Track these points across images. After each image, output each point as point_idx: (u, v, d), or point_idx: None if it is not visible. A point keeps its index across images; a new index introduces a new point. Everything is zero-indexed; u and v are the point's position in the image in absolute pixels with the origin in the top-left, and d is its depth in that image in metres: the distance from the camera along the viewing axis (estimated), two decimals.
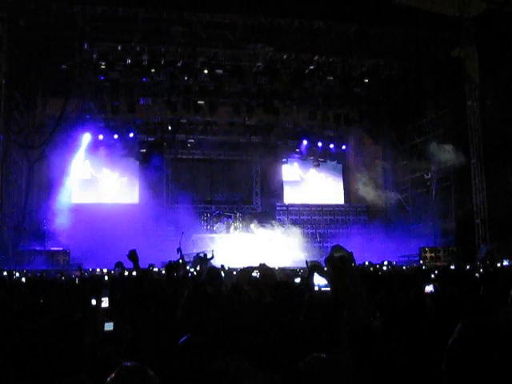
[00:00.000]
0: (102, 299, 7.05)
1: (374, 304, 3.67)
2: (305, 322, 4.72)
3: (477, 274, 11.76)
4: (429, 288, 7.59)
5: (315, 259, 24.19)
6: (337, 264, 3.57)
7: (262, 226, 34.29)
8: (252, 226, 34.01)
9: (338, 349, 3.24)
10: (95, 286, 9.97)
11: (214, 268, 7.96)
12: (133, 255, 7.99)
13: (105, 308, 7.17)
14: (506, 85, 25.65)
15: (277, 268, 18.92)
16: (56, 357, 3.66)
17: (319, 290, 4.60)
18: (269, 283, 7.98)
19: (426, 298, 5.62)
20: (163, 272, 14.60)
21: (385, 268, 19.11)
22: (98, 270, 20.24)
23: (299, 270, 18.48)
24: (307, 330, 4.45)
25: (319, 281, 4.50)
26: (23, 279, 14.68)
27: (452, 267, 17.22)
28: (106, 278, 13.58)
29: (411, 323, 3.92)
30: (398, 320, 3.89)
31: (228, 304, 5.87)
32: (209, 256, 24.29)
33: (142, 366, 2.95)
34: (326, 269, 3.77)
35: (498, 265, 19.34)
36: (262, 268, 12.73)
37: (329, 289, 4.11)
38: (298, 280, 8.82)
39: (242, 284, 8.07)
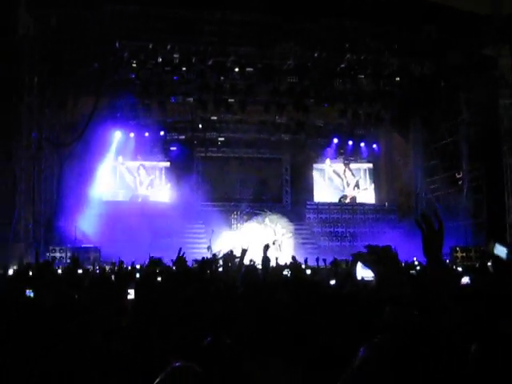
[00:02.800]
0: (129, 291, 7.24)
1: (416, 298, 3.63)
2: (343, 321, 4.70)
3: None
4: (465, 280, 7.47)
5: (344, 258, 24.14)
6: (381, 254, 3.54)
7: (292, 224, 34.25)
8: (276, 227, 33.95)
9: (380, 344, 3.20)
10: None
11: (251, 267, 7.99)
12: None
13: (131, 299, 7.36)
14: None
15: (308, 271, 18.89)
16: None
17: (362, 280, 4.59)
18: (300, 284, 7.97)
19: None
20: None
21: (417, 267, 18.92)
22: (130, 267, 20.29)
23: (333, 268, 18.39)
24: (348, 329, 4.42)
25: (362, 272, 4.47)
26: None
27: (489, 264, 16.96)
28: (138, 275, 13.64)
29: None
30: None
31: (261, 304, 5.85)
32: (242, 247, 24.22)
33: (191, 364, 2.95)
34: (371, 259, 3.73)
35: None
36: (293, 267, 12.67)
37: (372, 279, 4.07)
38: (333, 282, 8.65)
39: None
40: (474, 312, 3.94)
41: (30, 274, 15.79)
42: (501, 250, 3.73)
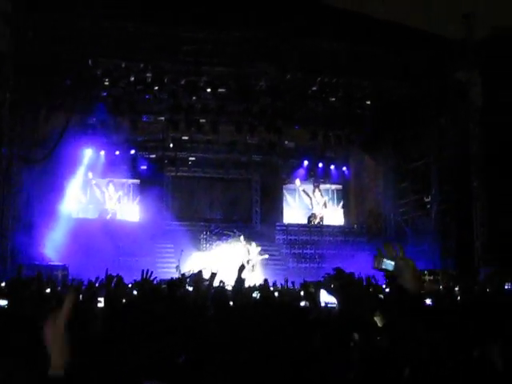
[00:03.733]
0: (99, 299, 7.30)
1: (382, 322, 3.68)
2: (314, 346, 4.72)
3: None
4: (427, 301, 7.56)
5: (312, 280, 24.14)
6: (347, 281, 3.59)
7: (261, 245, 34.20)
8: (250, 246, 33.82)
9: (349, 372, 3.24)
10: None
11: (220, 289, 7.97)
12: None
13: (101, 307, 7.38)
14: (510, 110, 25.73)
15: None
16: None
17: (325, 306, 4.63)
18: (270, 305, 7.98)
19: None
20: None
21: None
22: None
23: (300, 291, 18.39)
24: (317, 353, 4.45)
25: (326, 298, 4.52)
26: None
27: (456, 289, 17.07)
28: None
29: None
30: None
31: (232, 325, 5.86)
32: (212, 271, 24.12)
33: (159, 382, 2.95)
34: (333, 286, 3.79)
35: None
36: (263, 288, 12.68)
37: (335, 305, 4.12)
38: (303, 303, 8.68)
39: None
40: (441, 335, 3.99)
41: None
42: (388, 264, 3.79)
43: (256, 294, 13.31)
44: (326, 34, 27.16)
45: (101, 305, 8.42)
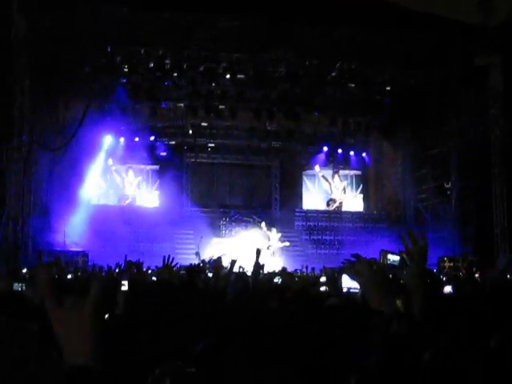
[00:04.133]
0: (123, 282, 7.44)
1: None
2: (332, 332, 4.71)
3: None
4: (447, 288, 7.54)
5: (333, 266, 24.11)
6: (371, 266, 3.58)
7: (281, 232, 34.17)
8: (271, 233, 33.78)
9: (369, 358, 3.24)
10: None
11: (242, 275, 7.96)
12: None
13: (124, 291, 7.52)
14: None
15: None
16: None
17: (348, 291, 4.60)
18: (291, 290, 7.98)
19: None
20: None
21: None
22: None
23: (319, 277, 18.37)
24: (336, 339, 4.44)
25: (348, 283, 4.49)
26: None
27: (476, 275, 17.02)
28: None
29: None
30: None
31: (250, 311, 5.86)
32: (232, 258, 24.14)
33: (182, 364, 2.96)
34: (357, 270, 3.76)
35: None
36: (284, 273, 12.68)
37: (358, 291, 4.10)
38: (323, 288, 8.64)
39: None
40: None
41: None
42: (392, 260, 3.78)
43: (278, 280, 13.33)
44: (345, 20, 26.99)
45: (124, 288, 8.52)
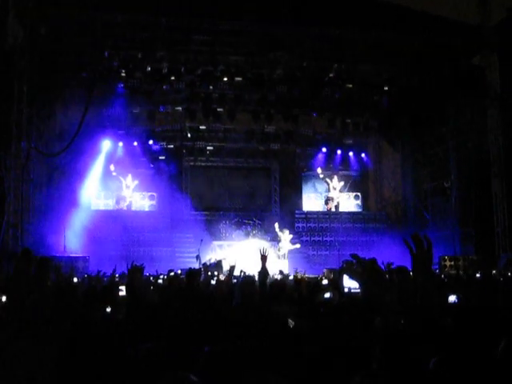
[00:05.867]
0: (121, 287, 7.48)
1: (404, 307, 3.66)
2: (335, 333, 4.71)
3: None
4: (452, 298, 7.50)
5: (333, 267, 24.12)
6: (368, 265, 3.57)
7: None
8: (283, 234, 33.64)
9: (371, 360, 3.24)
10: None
11: (249, 279, 7.91)
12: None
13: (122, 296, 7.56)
14: None
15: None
16: None
17: (349, 291, 4.62)
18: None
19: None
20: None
21: None
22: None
23: (321, 278, 18.33)
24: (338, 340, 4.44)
25: (349, 283, 4.51)
26: None
27: (478, 275, 17.00)
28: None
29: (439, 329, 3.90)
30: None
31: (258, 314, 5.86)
32: (230, 263, 24.13)
33: (186, 373, 2.95)
34: (356, 271, 3.76)
35: None
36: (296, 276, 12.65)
37: (359, 291, 4.11)
38: (327, 295, 8.47)
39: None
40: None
41: None
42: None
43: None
44: (341, 21, 27.00)
45: (122, 293, 8.54)
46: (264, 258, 7.63)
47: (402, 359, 3.12)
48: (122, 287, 8.69)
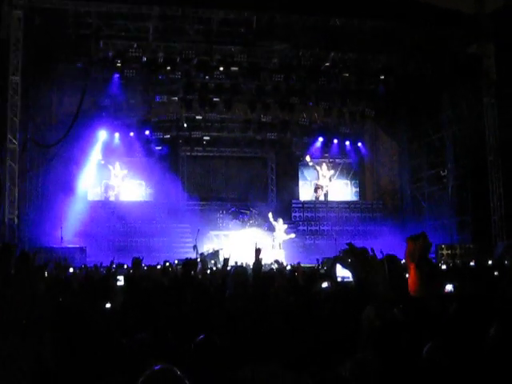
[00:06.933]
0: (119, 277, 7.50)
1: (396, 295, 3.67)
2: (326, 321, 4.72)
3: (496, 273, 11.64)
4: (449, 287, 7.51)
5: (330, 256, 24.09)
6: (360, 255, 3.58)
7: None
8: (278, 224, 33.57)
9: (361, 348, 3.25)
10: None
11: (240, 269, 7.89)
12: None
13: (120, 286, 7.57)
14: None
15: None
16: None
17: (342, 280, 4.64)
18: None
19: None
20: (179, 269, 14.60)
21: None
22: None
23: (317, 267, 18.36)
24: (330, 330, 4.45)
25: (342, 272, 4.52)
26: None
27: (472, 263, 16.99)
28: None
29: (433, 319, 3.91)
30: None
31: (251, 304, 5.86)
32: (224, 255, 24.11)
33: (171, 367, 2.94)
34: (349, 260, 3.77)
35: None
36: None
37: (351, 279, 4.11)
38: (325, 285, 8.27)
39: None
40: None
41: None
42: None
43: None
44: (337, 10, 26.95)
45: (120, 283, 8.55)
46: (258, 251, 7.61)
47: (394, 346, 3.12)
48: (120, 277, 8.70)
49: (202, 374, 3.65)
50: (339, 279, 4.56)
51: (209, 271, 12.01)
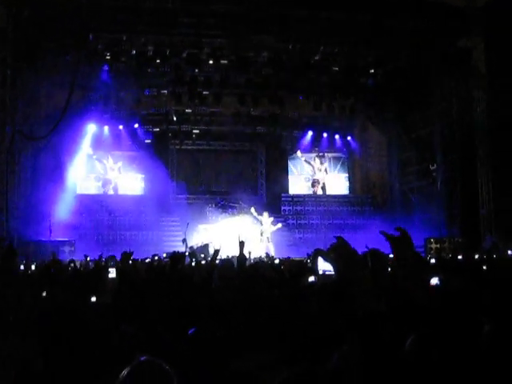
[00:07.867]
0: (110, 270, 7.47)
1: (378, 288, 3.69)
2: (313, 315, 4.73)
3: (484, 267, 11.67)
4: (434, 281, 7.52)
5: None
6: (340, 249, 3.60)
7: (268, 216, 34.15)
8: (263, 217, 33.60)
9: (347, 339, 3.26)
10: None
11: (226, 261, 7.91)
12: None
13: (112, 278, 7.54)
14: None
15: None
16: None
17: (323, 273, 4.66)
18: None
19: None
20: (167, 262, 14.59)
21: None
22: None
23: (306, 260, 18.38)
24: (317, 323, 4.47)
25: (323, 265, 4.54)
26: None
27: (459, 257, 17.02)
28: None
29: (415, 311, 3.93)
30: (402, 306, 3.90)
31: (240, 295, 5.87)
32: (214, 247, 24.03)
33: (157, 360, 2.94)
34: (330, 253, 3.80)
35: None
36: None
37: (333, 272, 4.13)
38: (312, 278, 8.11)
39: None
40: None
41: None
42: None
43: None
44: (327, 4, 26.94)
45: (112, 275, 8.53)
46: (242, 243, 7.63)
47: (377, 340, 3.13)
48: (111, 269, 8.68)
49: (194, 367, 3.66)
50: (321, 272, 4.58)
51: (193, 263, 12.01)
